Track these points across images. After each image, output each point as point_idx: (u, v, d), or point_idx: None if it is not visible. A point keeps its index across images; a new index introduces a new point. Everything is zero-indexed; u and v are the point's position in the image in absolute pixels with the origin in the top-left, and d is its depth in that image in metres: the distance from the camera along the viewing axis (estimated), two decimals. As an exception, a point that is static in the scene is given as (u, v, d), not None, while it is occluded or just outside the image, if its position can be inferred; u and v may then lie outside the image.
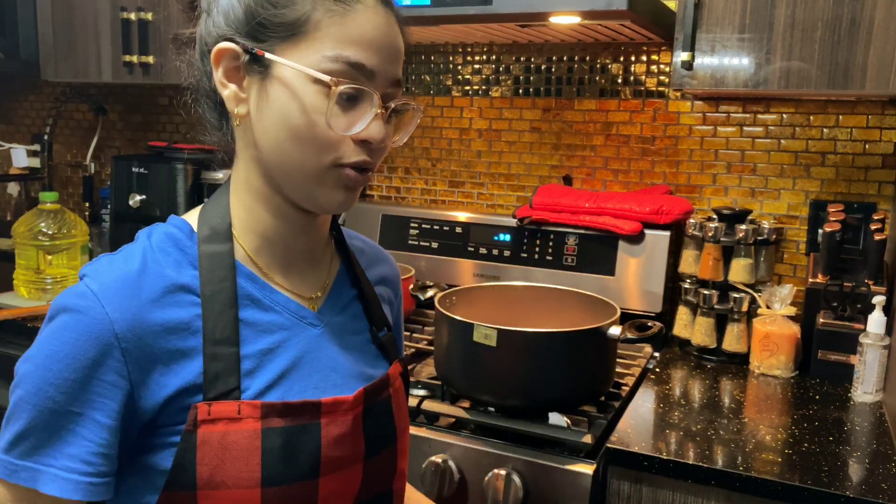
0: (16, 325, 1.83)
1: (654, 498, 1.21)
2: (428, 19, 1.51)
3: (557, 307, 1.51)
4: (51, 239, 2.00)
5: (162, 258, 0.77)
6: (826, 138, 1.72)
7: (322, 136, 0.73)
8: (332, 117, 0.73)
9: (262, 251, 0.81)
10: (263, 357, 0.77)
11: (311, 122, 0.73)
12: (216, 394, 0.73)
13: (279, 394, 0.77)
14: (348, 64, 0.73)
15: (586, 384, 1.33)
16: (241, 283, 0.79)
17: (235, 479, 0.72)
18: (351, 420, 0.80)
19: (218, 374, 0.74)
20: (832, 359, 1.53)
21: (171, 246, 0.78)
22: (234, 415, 0.73)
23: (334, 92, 0.72)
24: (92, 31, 2.09)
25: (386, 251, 1.03)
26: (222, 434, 0.72)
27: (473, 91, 2.06)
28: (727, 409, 1.38)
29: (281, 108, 0.74)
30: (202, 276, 0.76)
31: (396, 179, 2.20)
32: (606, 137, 1.93)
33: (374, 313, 0.91)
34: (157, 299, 0.73)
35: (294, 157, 0.75)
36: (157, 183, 2.09)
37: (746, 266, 1.63)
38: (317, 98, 0.73)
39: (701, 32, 1.43)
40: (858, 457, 1.20)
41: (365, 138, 0.75)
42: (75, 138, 2.69)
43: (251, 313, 0.78)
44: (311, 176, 0.75)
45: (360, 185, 0.78)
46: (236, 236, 0.80)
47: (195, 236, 0.79)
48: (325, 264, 0.88)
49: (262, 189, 0.79)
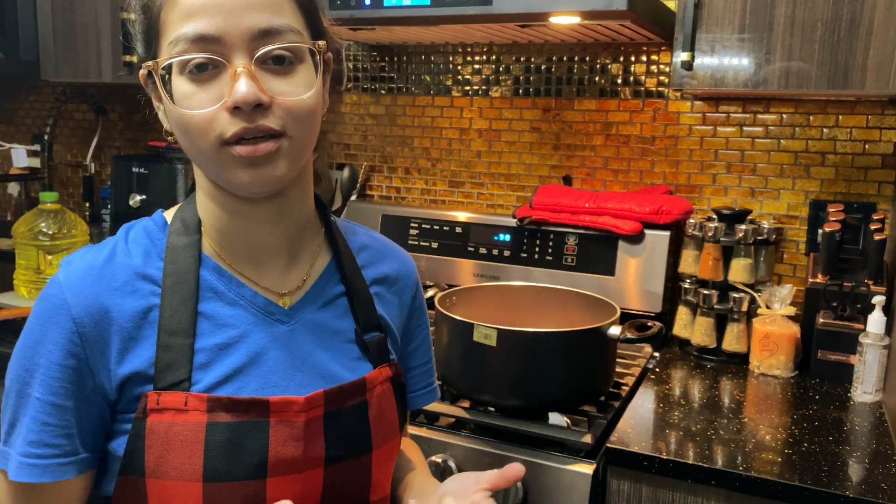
0: (16, 325, 1.83)
1: (654, 498, 1.21)
2: (428, 19, 1.51)
3: (557, 307, 1.51)
4: (51, 239, 2.00)
5: (133, 249, 0.79)
6: (826, 138, 1.72)
7: (195, 121, 0.72)
8: (193, 97, 0.72)
9: (226, 246, 0.81)
10: (219, 351, 0.77)
11: (182, 111, 0.72)
12: (166, 384, 0.74)
13: (232, 389, 0.76)
14: (189, 41, 0.71)
15: (586, 384, 1.33)
16: (205, 276, 0.79)
17: (178, 471, 0.73)
18: (303, 422, 0.77)
19: (169, 365, 0.75)
20: (832, 359, 1.53)
21: (144, 237, 0.81)
22: (182, 406, 0.74)
23: (185, 70, 0.72)
24: (92, 31, 2.09)
25: (399, 248, 0.98)
26: (169, 424, 0.73)
27: (473, 91, 2.06)
28: (727, 409, 1.38)
29: (169, 109, 0.75)
30: (166, 266, 0.78)
31: (396, 179, 2.20)
32: (606, 137, 1.93)
33: (363, 313, 0.87)
34: (118, 287, 0.76)
35: (191, 149, 0.75)
36: (158, 183, 2.10)
37: (746, 266, 1.63)
38: (181, 86, 0.72)
39: (701, 32, 1.44)
40: (858, 457, 1.20)
41: (232, 104, 0.70)
42: (75, 138, 2.69)
43: (213, 306, 0.78)
44: (210, 161, 0.74)
45: (262, 159, 0.72)
46: (205, 231, 0.82)
47: (167, 228, 0.82)
48: (307, 260, 0.86)
49: (208, 187, 0.81)
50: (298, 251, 0.85)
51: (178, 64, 0.72)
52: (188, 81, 0.72)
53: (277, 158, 0.74)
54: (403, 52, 2.12)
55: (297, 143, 0.75)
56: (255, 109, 0.71)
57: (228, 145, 0.72)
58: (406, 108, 2.15)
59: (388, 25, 1.63)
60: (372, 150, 2.21)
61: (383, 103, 2.17)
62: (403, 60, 2.13)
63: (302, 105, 0.74)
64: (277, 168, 0.74)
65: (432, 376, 1.02)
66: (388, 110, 2.17)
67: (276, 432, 0.76)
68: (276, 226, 0.82)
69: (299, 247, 0.85)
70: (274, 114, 0.72)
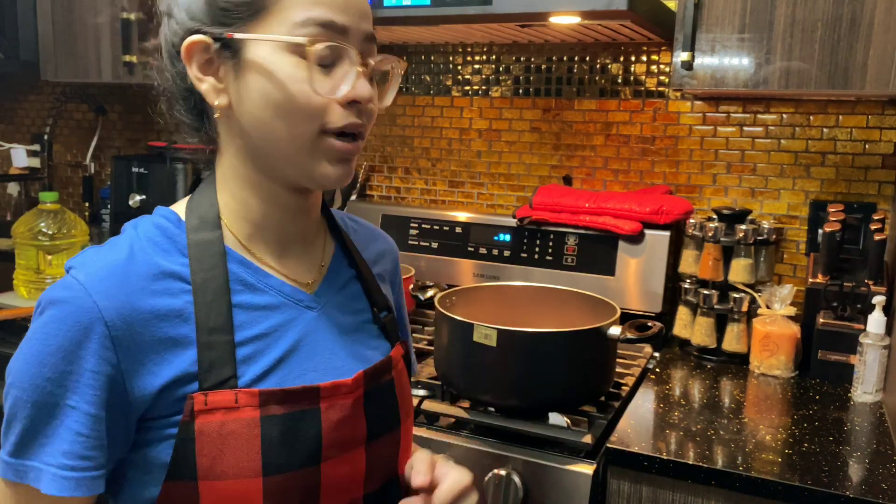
0: (16, 325, 1.83)
1: (654, 498, 1.21)
2: (428, 19, 1.51)
3: (557, 307, 1.51)
4: (51, 239, 2.00)
5: (149, 246, 0.76)
6: (826, 138, 1.72)
7: (307, 105, 0.72)
8: (315, 82, 0.72)
9: (255, 238, 0.81)
10: (260, 342, 0.76)
11: (293, 92, 0.72)
12: (212, 383, 0.72)
13: (277, 379, 0.76)
14: (319, 25, 0.72)
15: (586, 384, 1.33)
16: (232, 269, 0.78)
17: (236, 469, 0.71)
18: (351, 403, 0.79)
19: (213, 363, 0.73)
20: (832, 359, 1.53)
21: (159, 235, 0.78)
22: (232, 404, 0.72)
23: (311, 52, 0.71)
24: (92, 31, 2.09)
25: (380, 228, 1.02)
26: (220, 424, 0.71)
27: (473, 91, 2.06)
28: (727, 409, 1.38)
29: (261, 87, 0.73)
30: (192, 263, 0.76)
31: (396, 179, 2.20)
32: (606, 137, 1.93)
33: (374, 294, 0.90)
34: (147, 286, 0.73)
35: (283, 133, 0.73)
36: (157, 183, 2.10)
37: (746, 266, 1.63)
38: (295, 68, 0.72)
39: (701, 32, 1.43)
40: (858, 457, 1.20)
41: (353, 98, 0.73)
42: (75, 138, 2.69)
43: (245, 297, 0.77)
44: (302, 149, 0.74)
45: (352, 155, 0.77)
46: (226, 225, 0.80)
47: (183, 225, 0.79)
48: (319, 247, 0.88)
49: (252, 177, 0.79)
50: (312, 240, 0.87)
51: (290, 45, 0.71)
52: (305, 65, 0.72)
53: (355, 158, 0.78)
54: (403, 52, 2.12)
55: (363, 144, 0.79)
56: (361, 108, 0.75)
57: (328, 136, 0.74)
58: (406, 108, 2.15)
59: (388, 25, 1.63)
60: (372, 150, 2.21)
61: (383, 103, 2.17)
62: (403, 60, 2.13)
63: (376, 113, 0.79)
64: (353, 167, 0.79)
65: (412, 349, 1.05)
66: (388, 110, 2.17)
67: (328, 417, 0.77)
68: (304, 216, 0.84)
69: (312, 236, 0.87)
70: (366, 115, 0.77)
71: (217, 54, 0.74)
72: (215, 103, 0.76)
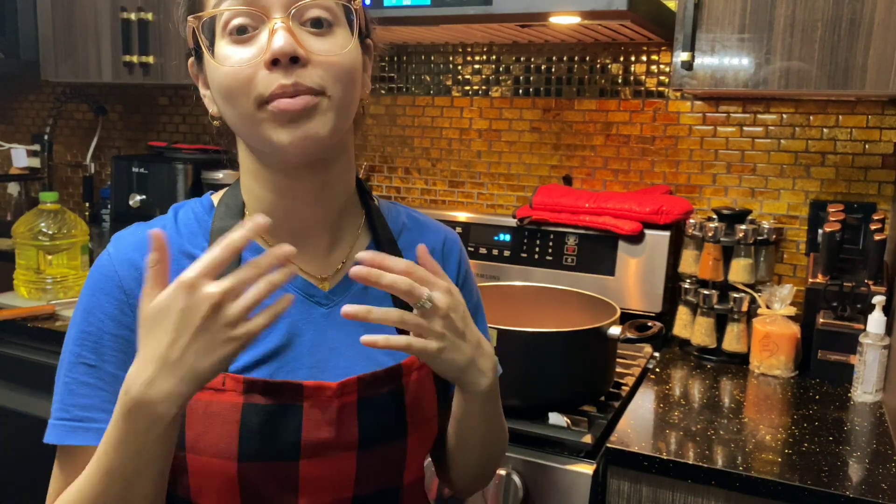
0: (16, 325, 1.83)
1: (654, 498, 1.21)
2: (428, 19, 1.51)
3: (557, 307, 1.51)
4: (51, 239, 2.00)
5: (182, 228, 0.81)
6: (826, 138, 1.72)
7: (236, 80, 0.72)
8: (236, 54, 0.72)
9: (274, 229, 0.78)
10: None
11: (224, 73, 0.73)
12: None
13: (269, 370, 0.77)
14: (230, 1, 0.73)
15: (586, 384, 1.33)
16: (246, 257, 0.77)
17: (214, 449, 0.74)
18: (338, 407, 0.78)
19: None
20: (832, 359, 1.53)
21: (192, 219, 0.83)
22: (219, 386, 0.75)
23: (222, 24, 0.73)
24: (92, 31, 2.09)
25: (439, 223, 0.97)
26: (207, 403, 0.74)
27: (473, 91, 2.06)
28: (727, 409, 1.38)
29: (213, 80, 0.76)
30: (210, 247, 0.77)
31: (396, 179, 2.20)
32: (606, 137, 1.93)
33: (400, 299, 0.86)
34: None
35: (234, 118, 0.75)
36: (158, 183, 2.09)
37: (746, 266, 1.63)
38: (222, 50, 0.74)
39: (701, 32, 1.43)
40: (858, 457, 1.20)
41: (270, 57, 0.70)
42: (75, 138, 2.69)
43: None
44: (249, 125, 0.73)
45: (300, 115, 0.72)
46: (249, 214, 0.82)
47: (213, 211, 0.83)
48: (348, 241, 0.86)
49: (252, 167, 0.81)
50: (340, 233, 0.85)
51: (220, 27, 0.73)
52: (229, 43, 0.73)
53: (316, 115, 0.73)
54: (403, 52, 2.12)
55: (337, 103, 0.74)
56: (293, 65, 0.71)
57: (267, 104, 0.72)
58: (406, 108, 2.15)
59: (388, 25, 1.63)
60: (372, 150, 2.21)
61: (383, 103, 2.17)
62: (403, 60, 2.13)
63: (341, 63, 0.74)
64: (318, 125, 0.73)
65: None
66: (388, 110, 2.17)
67: (310, 416, 0.76)
68: (318, 203, 0.82)
69: (340, 228, 0.85)
70: (313, 72, 0.72)
71: (196, 66, 0.80)
72: (210, 111, 0.81)
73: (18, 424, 1.86)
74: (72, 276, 2.03)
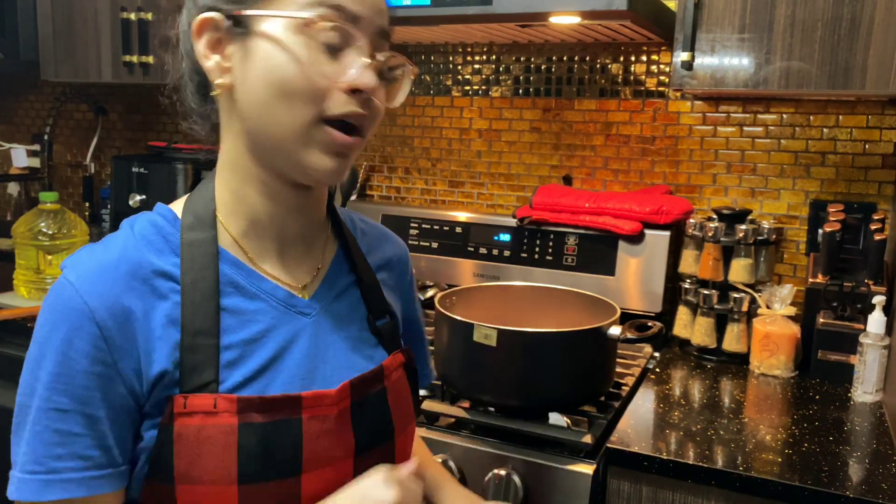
0: (16, 325, 1.83)
1: (654, 498, 1.21)
2: (428, 19, 1.51)
3: (557, 307, 1.51)
4: (51, 239, 2.00)
5: (143, 245, 0.74)
6: (826, 138, 1.72)
7: (309, 86, 0.70)
8: (320, 63, 0.70)
9: (250, 235, 0.78)
10: (246, 347, 0.74)
11: (296, 72, 0.70)
12: (193, 386, 0.71)
13: (261, 386, 0.74)
14: (329, 7, 0.70)
15: (586, 384, 1.33)
16: (224, 270, 0.76)
17: (211, 475, 0.70)
18: (335, 415, 0.77)
19: (195, 366, 0.71)
20: (832, 359, 1.53)
21: (154, 233, 0.76)
22: (211, 408, 0.71)
23: (318, 31, 0.70)
24: (92, 31, 2.09)
25: (390, 231, 0.99)
26: (199, 428, 0.70)
27: (473, 91, 2.06)
28: (727, 409, 1.38)
29: (265, 63, 0.71)
30: (183, 264, 0.74)
31: (396, 179, 2.20)
32: (606, 137, 1.93)
33: (373, 300, 0.87)
34: (138, 286, 0.71)
35: (281, 115, 0.71)
36: (158, 183, 2.10)
37: (746, 266, 1.63)
38: (301, 47, 0.70)
39: (701, 32, 1.43)
40: (858, 457, 1.20)
41: (357, 85, 0.71)
42: (75, 138, 2.69)
43: (235, 301, 0.76)
44: (298, 135, 0.71)
45: (349, 150, 0.74)
46: (221, 221, 0.78)
47: (178, 223, 0.77)
48: (320, 248, 0.85)
49: (249, 167, 0.77)
50: (313, 241, 0.85)
51: (297, 24, 0.70)
52: (312, 45, 0.70)
53: (351, 154, 0.75)
54: (403, 52, 2.12)
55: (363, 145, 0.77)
56: (365, 100, 0.73)
57: (327, 124, 0.72)
58: (406, 108, 2.15)
59: (388, 25, 1.63)
60: (372, 150, 2.21)
61: (383, 103, 2.17)
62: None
63: (381, 112, 0.77)
64: (349, 164, 0.76)
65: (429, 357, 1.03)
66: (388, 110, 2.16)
67: (309, 428, 0.75)
68: (305, 216, 0.82)
69: (314, 237, 0.85)
70: (370, 112, 0.74)
71: (227, 32, 0.73)
72: (217, 81, 0.74)
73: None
74: (72, 276, 2.03)
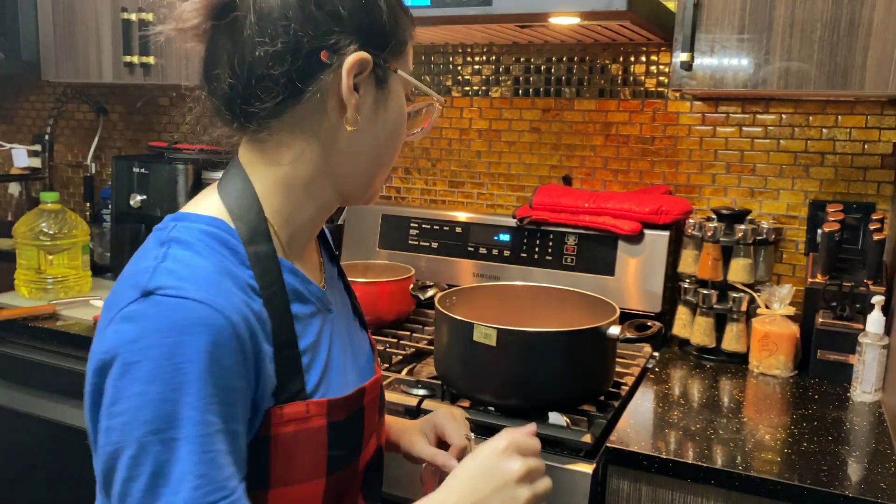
0: (17, 325, 1.83)
1: (654, 497, 1.21)
2: (428, 19, 1.51)
3: (557, 307, 1.51)
4: (52, 239, 2.00)
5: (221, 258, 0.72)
6: (825, 138, 1.72)
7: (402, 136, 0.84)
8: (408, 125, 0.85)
9: (292, 241, 0.82)
10: (312, 351, 0.79)
11: (401, 128, 0.83)
12: (286, 396, 0.74)
13: (327, 384, 0.80)
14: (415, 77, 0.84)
15: (586, 384, 1.33)
16: (287, 280, 0.78)
17: (302, 474, 0.76)
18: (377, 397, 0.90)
19: (287, 377, 0.75)
20: (831, 358, 1.53)
21: (219, 245, 0.73)
22: (304, 415, 0.75)
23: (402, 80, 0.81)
24: (92, 31, 2.09)
25: None
26: (294, 434, 0.75)
27: (473, 91, 2.06)
28: (726, 408, 1.39)
29: (395, 118, 0.82)
30: (257, 277, 0.74)
31: (396, 179, 2.20)
32: (606, 138, 1.93)
33: (348, 286, 0.98)
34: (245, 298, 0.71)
35: (388, 159, 0.84)
36: (158, 183, 2.10)
37: (746, 266, 1.64)
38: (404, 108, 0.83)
39: (700, 33, 1.44)
40: (858, 456, 1.20)
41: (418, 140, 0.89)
42: (76, 138, 2.69)
43: (298, 308, 0.79)
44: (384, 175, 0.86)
45: None
46: (275, 231, 0.78)
47: (236, 233, 0.75)
48: (315, 246, 0.93)
49: (317, 183, 0.80)
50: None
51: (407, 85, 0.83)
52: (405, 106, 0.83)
53: None
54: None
55: None
56: None
57: None
58: (406, 109, 2.15)
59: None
60: (372, 151, 2.20)
61: (383, 103, 2.17)
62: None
63: None
64: None
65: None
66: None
67: (368, 412, 0.86)
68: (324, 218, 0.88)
69: None
70: None
71: (369, 76, 0.77)
72: (349, 117, 0.76)
73: (18, 424, 1.86)
74: (72, 276, 2.03)
